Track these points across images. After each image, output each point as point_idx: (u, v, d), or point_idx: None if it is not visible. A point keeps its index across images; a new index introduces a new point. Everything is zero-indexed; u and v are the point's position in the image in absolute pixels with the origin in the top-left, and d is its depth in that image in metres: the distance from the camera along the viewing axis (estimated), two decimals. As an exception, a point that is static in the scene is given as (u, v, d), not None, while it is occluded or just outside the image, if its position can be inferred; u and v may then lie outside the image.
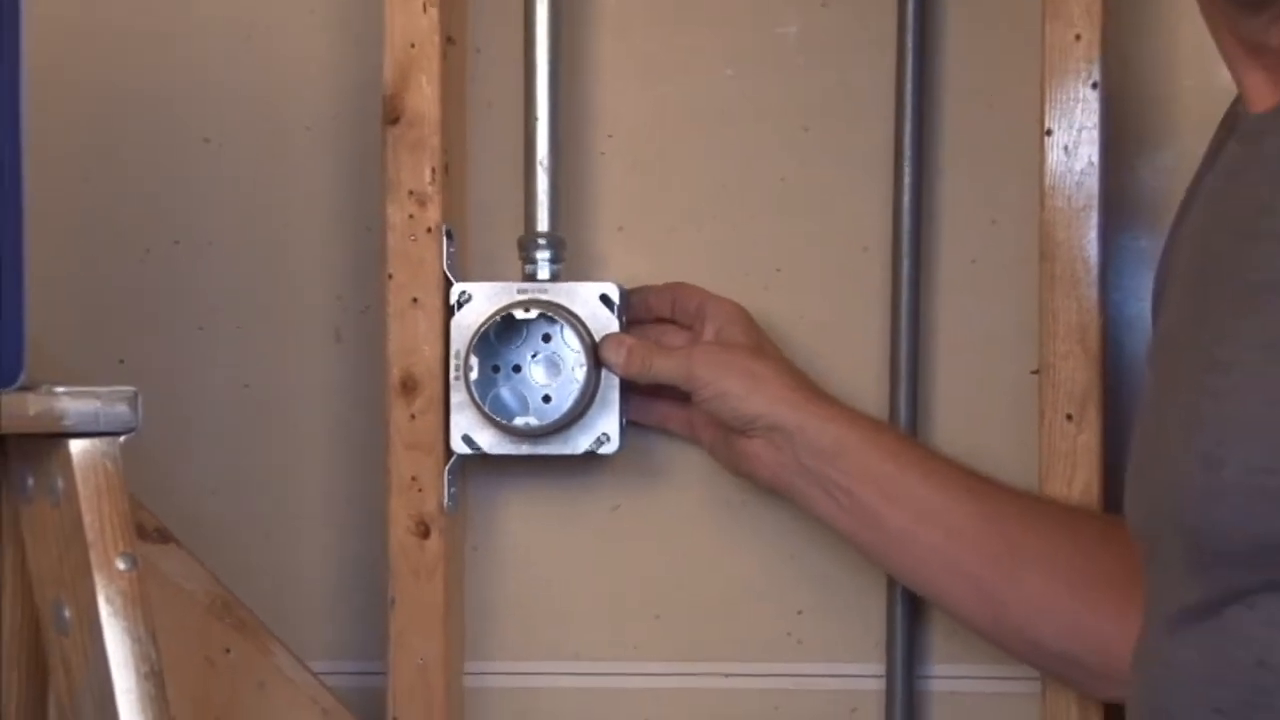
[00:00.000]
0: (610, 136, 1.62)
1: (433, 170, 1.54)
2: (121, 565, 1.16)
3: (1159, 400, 1.29)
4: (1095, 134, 1.51)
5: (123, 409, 1.16)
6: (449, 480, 1.55)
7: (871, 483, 1.51)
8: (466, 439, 1.55)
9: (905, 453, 1.54)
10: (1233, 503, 1.16)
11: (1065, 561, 1.47)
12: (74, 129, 1.60)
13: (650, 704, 1.62)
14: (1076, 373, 1.51)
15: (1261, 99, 1.24)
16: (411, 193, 1.54)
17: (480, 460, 1.57)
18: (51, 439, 1.16)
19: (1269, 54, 1.24)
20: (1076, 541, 1.48)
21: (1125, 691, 1.31)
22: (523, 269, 1.57)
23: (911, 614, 1.59)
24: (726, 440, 1.55)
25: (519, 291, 1.55)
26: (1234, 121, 1.31)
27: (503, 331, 1.54)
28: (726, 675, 1.62)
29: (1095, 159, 1.51)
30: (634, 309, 1.57)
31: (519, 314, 1.53)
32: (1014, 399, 1.57)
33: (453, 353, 1.54)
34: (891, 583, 1.58)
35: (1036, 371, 1.52)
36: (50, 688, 1.21)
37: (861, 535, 1.53)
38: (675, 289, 1.58)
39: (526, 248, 1.56)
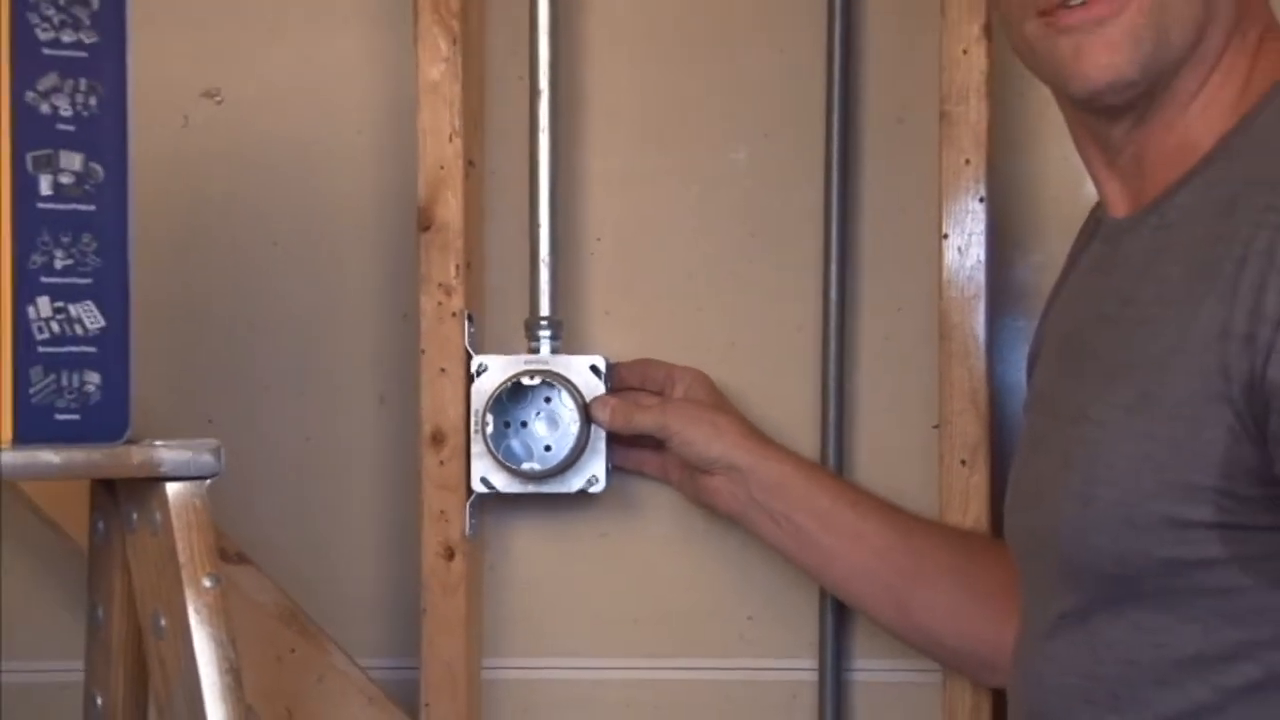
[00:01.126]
0: (599, 240, 1.62)
1: (457, 267, 1.54)
2: (207, 583, 1.16)
3: (1034, 446, 1.29)
4: (983, 238, 1.51)
5: (208, 458, 1.17)
6: (470, 513, 1.55)
7: (809, 512, 1.51)
8: (484, 480, 1.54)
9: (836, 488, 1.54)
10: (1102, 530, 1.16)
11: (961, 575, 1.47)
12: (172, 234, 1.58)
13: (630, 692, 1.62)
14: (969, 428, 1.51)
15: (1119, 205, 1.25)
16: (440, 285, 1.54)
17: (495, 497, 1.56)
18: (151, 482, 1.16)
19: (1124, 165, 1.24)
20: (970, 559, 1.47)
21: (1007, 681, 1.32)
22: (528, 345, 1.57)
23: (839, 619, 1.58)
24: (692, 478, 1.55)
25: (525, 363, 1.55)
26: (1095, 226, 1.30)
27: (512, 395, 1.54)
28: (690, 669, 1.61)
29: (982, 258, 1.51)
30: (612, 379, 1.56)
31: (526, 381, 1.53)
32: (920, 447, 1.57)
33: (473, 412, 1.54)
34: (823, 593, 1.57)
35: (937, 426, 1.53)
36: (149, 683, 1.21)
37: (800, 555, 1.52)
38: (643, 364, 1.58)
39: (531, 328, 1.57)
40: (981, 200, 1.51)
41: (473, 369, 1.54)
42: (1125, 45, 1.16)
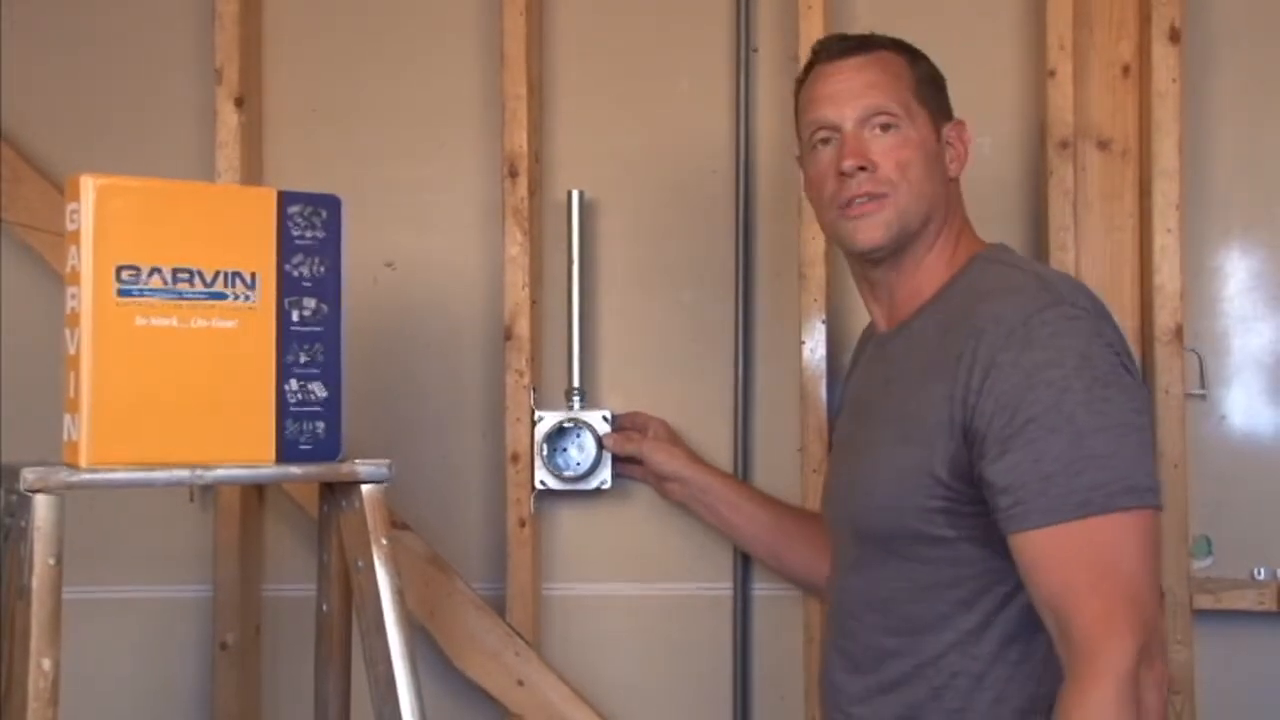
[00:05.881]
0: (606, 344, 1.61)
1: (527, 360, 1.55)
2: (384, 541, 1.18)
3: (837, 467, 1.31)
4: (824, 344, 1.53)
5: (385, 470, 1.20)
6: (534, 500, 1.55)
7: (725, 504, 1.50)
8: (542, 481, 1.55)
9: (742, 489, 1.53)
10: (878, 513, 1.19)
11: (806, 539, 1.46)
12: (364, 345, 1.49)
13: (626, 602, 1.60)
14: (816, 451, 1.53)
15: (882, 324, 1.26)
16: (516, 370, 1.55)
17: (548, 491, 1.55)
18: (354, 484, 1.19)
19: (883, 298, 1.24)
20: (814, 530, 1.46)
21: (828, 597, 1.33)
22: (566, 404, 1.56)
23: (745, 560, 1.58)
24: (658, 483, 1.55)
25: (565, 414, 1.55)
26: (868, 337, 1.31)
27: (557, 432, 1.54)
28: (661, 589, 1.61)
29: (824, 355, 1.53)
30: (614, 424, 1.56)
31: (565, 424, 1.54)
32: (790, 462, 1.56)
33: (536, 442, 1.54)
34: (735, 548, 1.57)
35: (800, 449, 1.54)
36: (353, 598, 1.23)
37: (719, 527, 1.53)
38: (631, 415, 1.57)
39: (569, 394, 1.57)
40: (823, 322, 1.53)
41: (535, 418, 1.54)
42: (880, 229, 1.20)
